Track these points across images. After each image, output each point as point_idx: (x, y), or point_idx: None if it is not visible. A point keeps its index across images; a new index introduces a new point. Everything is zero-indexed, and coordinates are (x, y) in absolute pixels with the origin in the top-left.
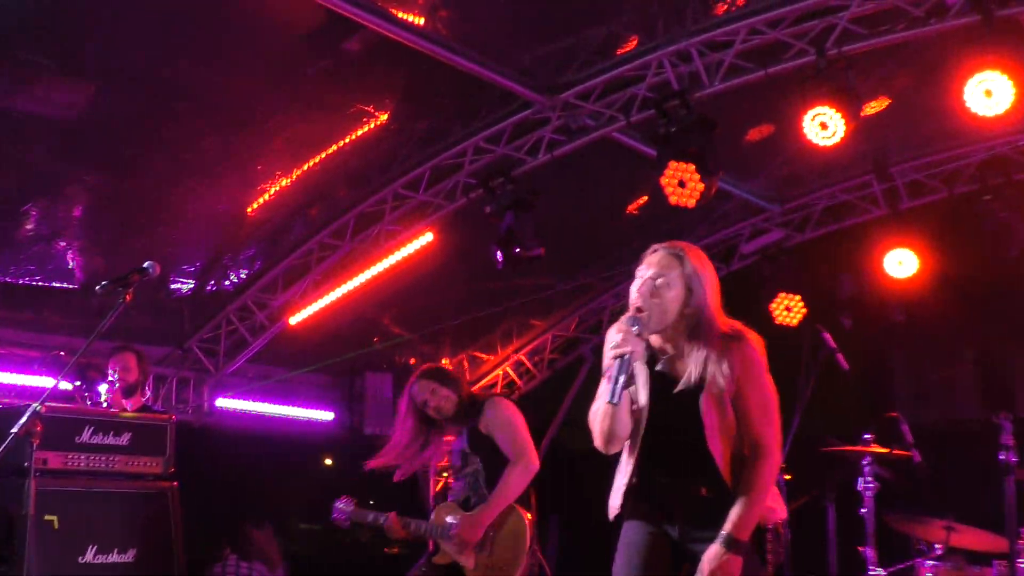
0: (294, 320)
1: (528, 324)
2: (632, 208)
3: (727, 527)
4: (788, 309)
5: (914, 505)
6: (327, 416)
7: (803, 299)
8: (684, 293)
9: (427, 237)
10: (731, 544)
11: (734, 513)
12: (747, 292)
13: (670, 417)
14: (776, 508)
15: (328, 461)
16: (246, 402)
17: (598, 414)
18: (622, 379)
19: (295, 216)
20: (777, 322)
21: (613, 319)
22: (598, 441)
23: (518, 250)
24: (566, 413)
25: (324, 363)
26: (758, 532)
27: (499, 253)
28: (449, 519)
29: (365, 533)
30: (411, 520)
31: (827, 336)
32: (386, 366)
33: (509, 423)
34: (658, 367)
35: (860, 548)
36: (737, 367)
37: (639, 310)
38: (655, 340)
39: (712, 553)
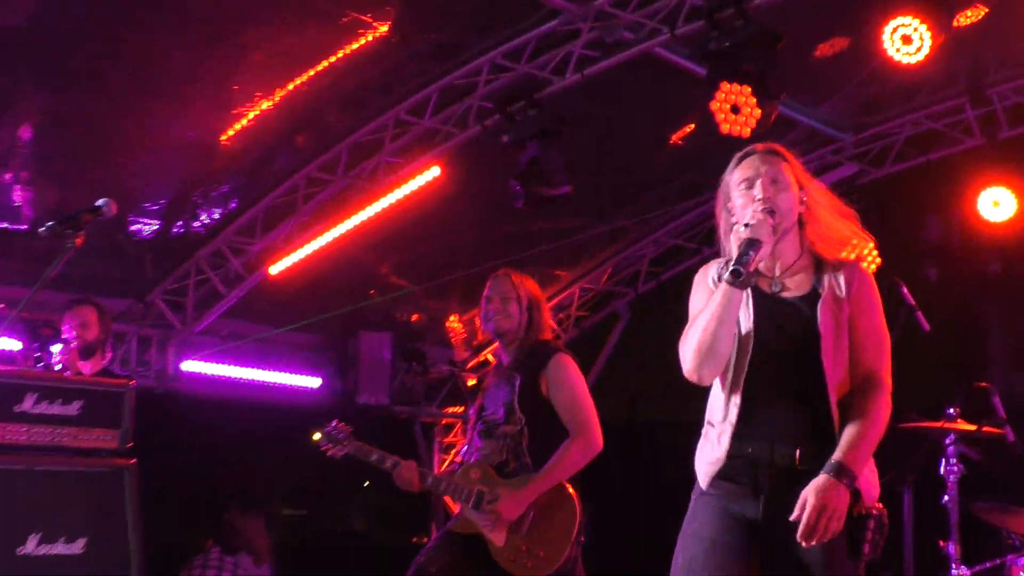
0: (275, 269)
1: (552, 275)
2: (676, 138)
3: (837, 454)
4: (861, 258)
5: (1006, 492)
6: (314, 382)
7: (878, 246)
8: (796, 192)
9: (433, 172)
10: (840, 473)
11: (846, 439)
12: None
13: (781, 337)
14: (872, 483)
15: (316, 436)
16: (218, 365)
17: (699, 321)
18: (752, 255)
19: (278, 146)
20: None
21: (652, 270)
22: (690, 360)
23: (541, 187)
24: (596, 380)
25: (311, 320)
26: (860, 516)
27: (519, 191)
28: (482, 486)
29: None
30: (433, 474)
31: (906, 290)
32: (384, 324)
33: (578, 388)
34: (764, 288)
35: (941, 542)
36: (854, 286)
37: (769, 210)
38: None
39: (818, 482)
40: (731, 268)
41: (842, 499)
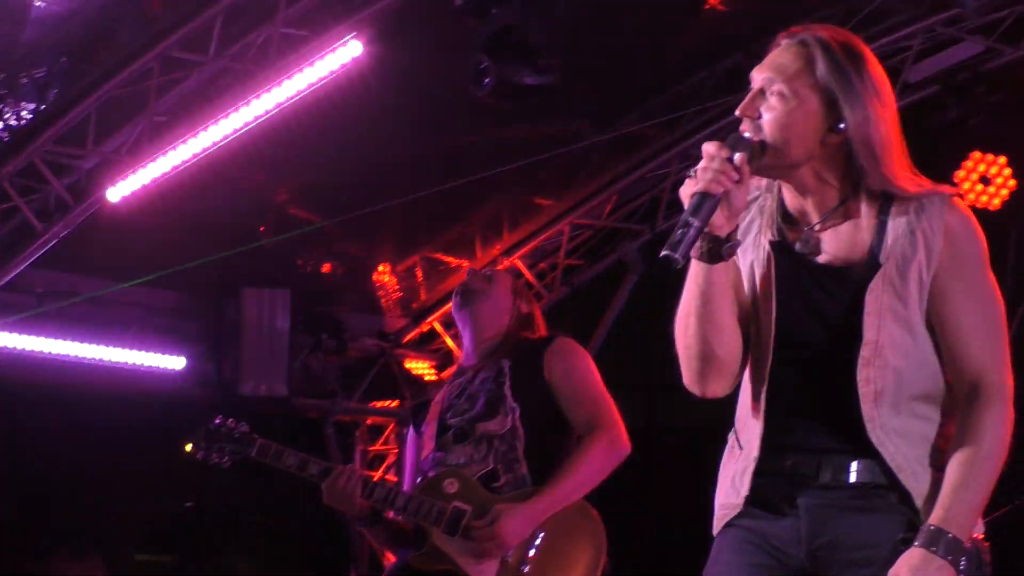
0: (116, 195)
1: (532, 205)
2: (715, 0)
3: (935, 517)
4: (987, 179)
5: None
6: (175, 363)
7: (1012, 162)
8: (822, 108)
9: (352, 50)
10: (938, 542)
11: (946, 488)
12: (916, 151)
13: (814, 324)
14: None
15: (188, 447)
16: (32, 338)
17: (678, 315)
18: (694, 226)
19: (120, 9)
20: (968, 201)
21: (677, 198)
22: (684, 370)
23: (516, 71)
24: (596, 356)
25: (169, 271)
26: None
27: (487, 69)
28: (462, 502)
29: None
30: (384, 484)
31: None
32: (279, 278)
33: (594, 373)
34: (794, 244)
35: None
36: (942, 239)
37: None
38: (789, 196)
39: (912, 559)
40: (661, 252)
41: None
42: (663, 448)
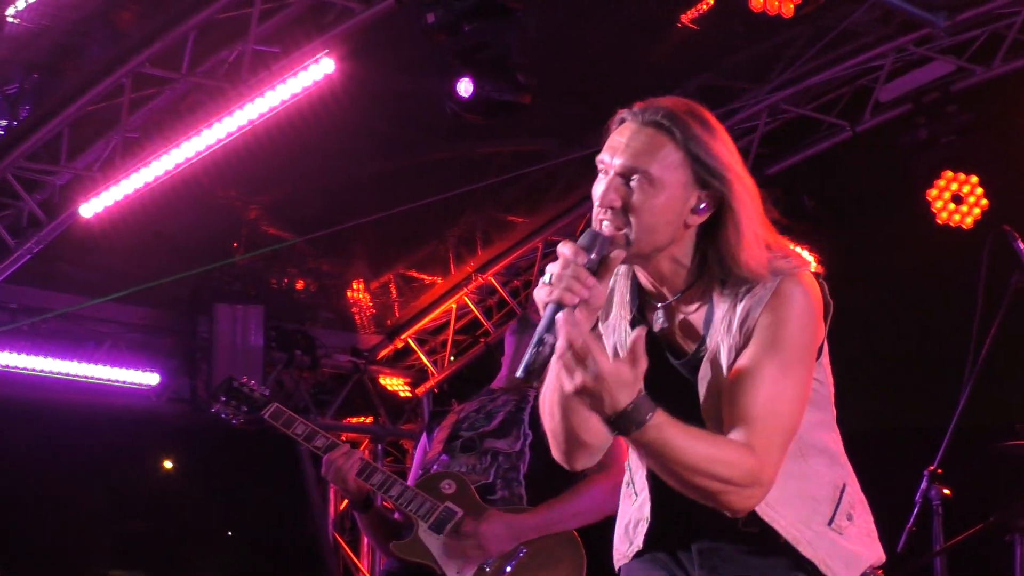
0: (89, 211)
1: (505, 222)
2: (687, 18)
3: None
4: (959, 199)
5: None
6: (149, 380)
7: (983, 182)
8: (684, 190)
9: (324, 67)
10: None
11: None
12: (888, 170)
13: (676, 402)
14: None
15: (168, 464)
16: (4, 353)
17: (544, 401)
18: (548, 344)
19: (91, 25)
20: (939, 221)
21: None
22: (552, 447)
23: (487, 90)
24: None
25: (142, 287)
26: None
27: (457, 93)
28: (454, 503)
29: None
30: (381, 470)
31: (1022, 247)
32: (252, 294)
33: None
34: (654, 324)
35: None
36: (763, 305)
37: (605, 223)
38: (643, 278)
39: None
40: (518, 373)
41: None
42: None
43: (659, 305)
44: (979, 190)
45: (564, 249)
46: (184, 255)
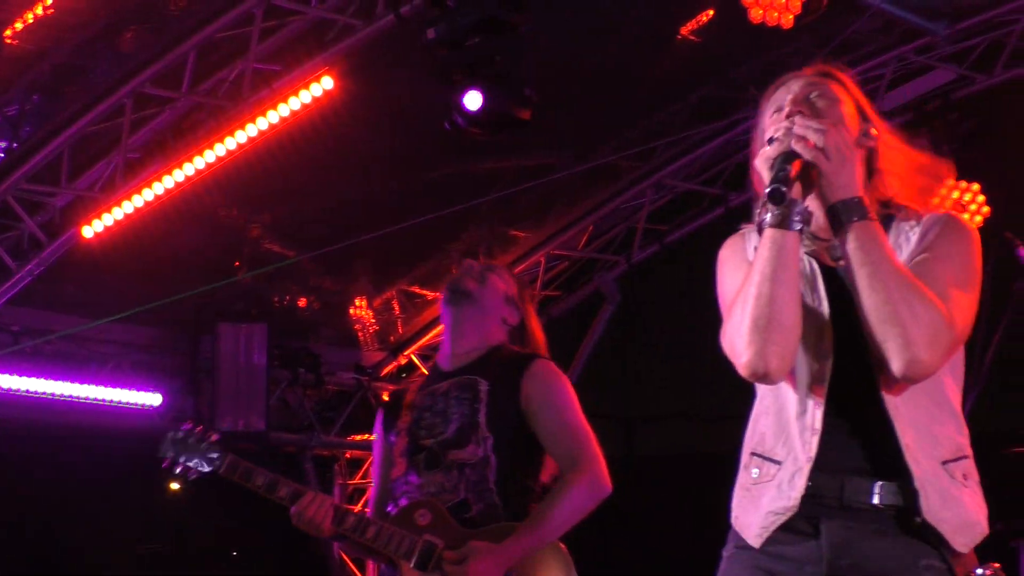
0: (90, 231)
1: (508, 236)
2: (687, 30)
3: None
4: (960, 206)
5: None
6: (151, 400)
7: (986, 189)
8: (854, 118)
9: (325, 84)
10: None
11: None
12: None
13: (860, 356)
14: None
15: (174, 486)
16: (7, 376)
17: (746, 289)
18: (788, 171)
19: (91, 47)
20: None
21: (653, 228)
22: (746, 341)
23: (487, 107)
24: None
25: (145, 307)
26: None
27: (464, 106)
28: (433, 536)
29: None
30: (356, 513)
31: None
32: (255, 313)
33: (574, 404)
34: (826, 258)
35: None
36: (927, 238)
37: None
38: (817, 213)
39: None
40: (768, 188)
41: None
42: (641, 478)
43: (831, 240)
44: (980, 197)
45: (785, 125)
46: (187, 275)
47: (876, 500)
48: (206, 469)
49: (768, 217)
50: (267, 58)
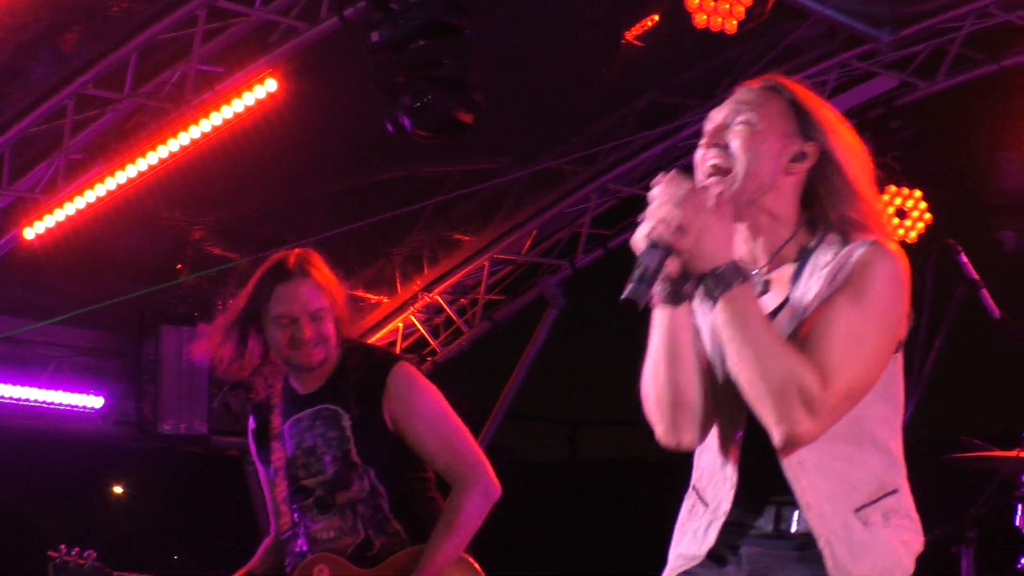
0: (32, 233)
1: (451, 240)
2: (631, 35)
3: None
4: (903, 213)
5: None
6: (93, 403)
7: (928, 196)
8: (784, 141)
9: (268, 86)
10: None
11: None
12: None
13: None
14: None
15: (117, 489)
16: None
17: (647, 362)
18: (649, 265)
19: (32, 48)
20: None
21: (598, 232)
22: (657, 424)
23: (447, 107)
24: (515, 398)
25: (86, 309)
26: None
27: (401, 114)
28: None
29: None
30: None
31: (966, 260)
32: (197, 315)
33: (443, 409)
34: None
35: None
36: (849, 268)
37: (716, 167)
38: (737, 240)
39: None
40: (623, 296)
41: None
42: (584, 482)
43: (754, 272)
44: (923, 204)
45: (674, 180)
46: (129, 277)
47: (794, 528)
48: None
49: (657, 295)
50: (210, 60)
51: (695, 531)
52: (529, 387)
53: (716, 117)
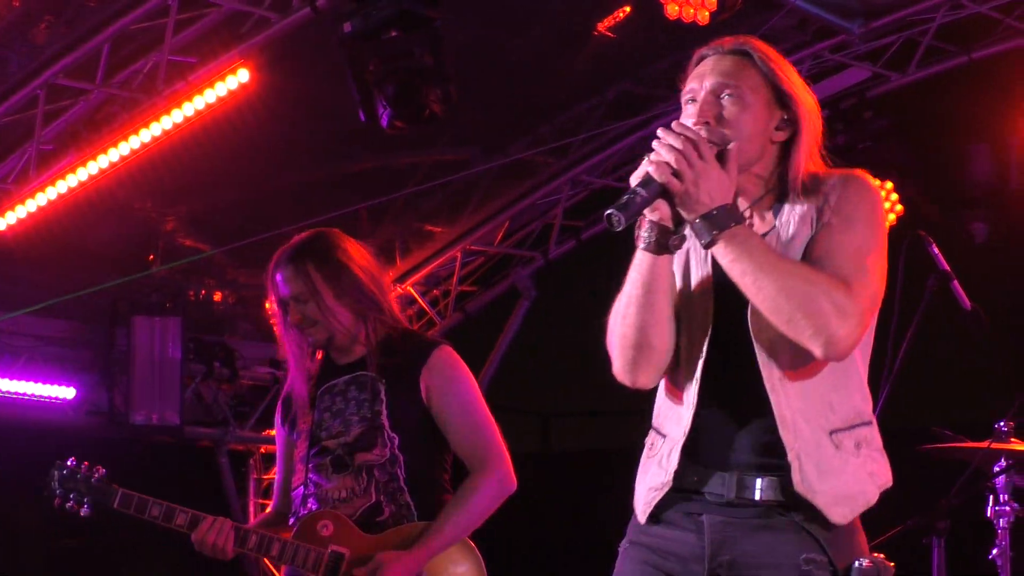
0: (3, 223)
1: (423, 232)
2: (603, 27)
3: None
4: None
5: None
6: (64, 393)
7: (899, 187)
8: (768, 112)
9: (240, 76)
10: None
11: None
12: None
13: (740, 326)
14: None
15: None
16: None
17: (618, 303)
18: (640, 193)
19: (3, 37)
20: None
21: (570, 224)
22: (617, 360)
23: (403, 100)
24: (488, 389)
25: (57, 300)
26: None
27: (375, 104)
28: (338, 546)
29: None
30: (257, 531)
31: (937, 251)
32: (170, 306)
33: (477, 397)
34: None
35: None
36: (832, 198)
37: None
38: None
39: None
40: (607, 211)
41: None
42: (556, 473)
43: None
44: (894, 195)
45: (676, 129)
46: (101, 268)
47: (758, 496)
48: (99, 504)
49: (642, 239)
50: (182, 50)
51: (659, 460)
52: (501, 378)
53: (699, 89)
